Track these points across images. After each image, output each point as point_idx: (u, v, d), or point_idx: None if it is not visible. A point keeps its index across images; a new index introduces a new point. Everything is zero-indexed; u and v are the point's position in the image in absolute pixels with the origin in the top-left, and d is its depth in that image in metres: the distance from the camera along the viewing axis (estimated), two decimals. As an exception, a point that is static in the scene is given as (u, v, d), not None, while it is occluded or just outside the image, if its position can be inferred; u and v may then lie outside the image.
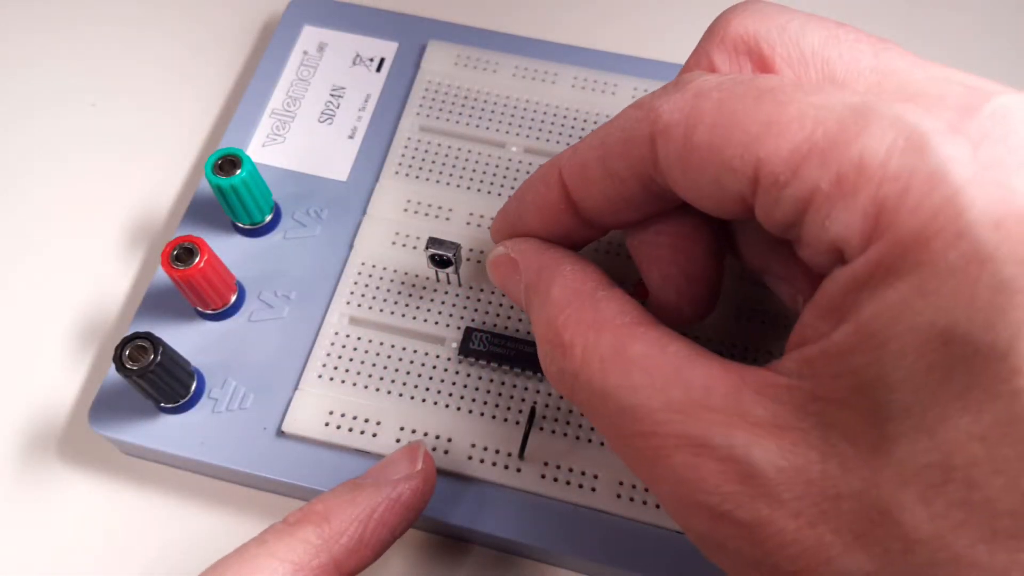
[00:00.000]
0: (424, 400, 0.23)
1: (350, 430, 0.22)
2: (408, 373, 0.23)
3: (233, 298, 0.24)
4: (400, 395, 0.23)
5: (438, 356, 0.23)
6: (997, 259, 0.12)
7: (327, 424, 0.22)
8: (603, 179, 0.18)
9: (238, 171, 0.23)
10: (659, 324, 0.16)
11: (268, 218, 0.25)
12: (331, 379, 0.23)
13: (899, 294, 0.12)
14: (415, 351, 0.23)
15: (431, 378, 0.23)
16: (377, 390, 0.23)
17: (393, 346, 0.24)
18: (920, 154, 0.13)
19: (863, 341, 0.13)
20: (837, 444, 0.13)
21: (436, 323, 0.24)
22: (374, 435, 0.22)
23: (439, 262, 0.23)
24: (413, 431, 0.22)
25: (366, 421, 0.23)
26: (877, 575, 0.13)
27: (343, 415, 0.23)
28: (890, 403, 0.13)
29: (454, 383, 0.23)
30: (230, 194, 0.24)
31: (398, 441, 0.22)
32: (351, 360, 0.23)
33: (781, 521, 0.13)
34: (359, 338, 0.24)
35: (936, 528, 0.12)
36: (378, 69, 0.29)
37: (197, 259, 0.22)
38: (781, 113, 0.14)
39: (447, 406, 0.23)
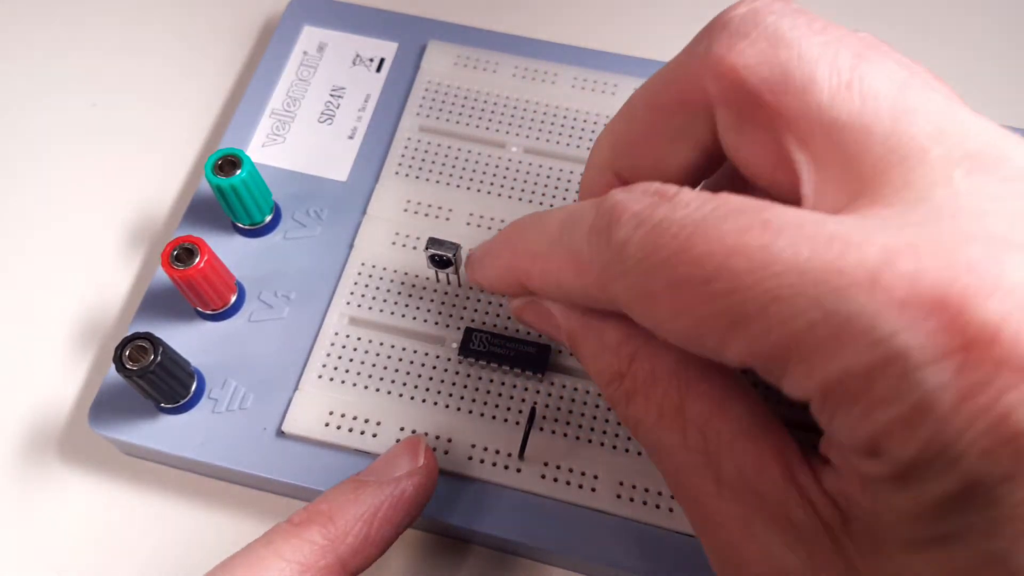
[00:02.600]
0: (424, 400, 0.23)
1: (350, 430, 0.22)
2: (408, 373, 0.23)
3: (233, 298, 0.24)
4: (400, 395, 0.23)
5: (438, 356, 0.23)
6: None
7: (327, 424, 0.22)
8: None
9: (238, 171, 0.23)
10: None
11: (268, 218, 0.25)
12: (331, 379, 0.23)
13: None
14: (415, 351, 0.23)
15: (431, 378, 0.23)
16: (377, 390, 0.23)
17: (393, 346, 0.24)
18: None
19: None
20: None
21: (436, 323, 0.24)
22: (374, 435, 0.22)
23: (439, 262, 0.23)
24: (413, 431, 0.22)
25: (366, 421, 0.23)
26: None
27: (343, 415, 0.23)
28: None
29: (454, 383, 0.23)
30: (230, 194, 0.24)
31: (398, 441, 0.22)
32: (351, 360, 0.23)
33: None
34: (359, 338, 0.24)
35: None
36: (378, 69, 0.29)
37: (197, 259, 0.22)
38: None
39: (447, 406, 0.23)
